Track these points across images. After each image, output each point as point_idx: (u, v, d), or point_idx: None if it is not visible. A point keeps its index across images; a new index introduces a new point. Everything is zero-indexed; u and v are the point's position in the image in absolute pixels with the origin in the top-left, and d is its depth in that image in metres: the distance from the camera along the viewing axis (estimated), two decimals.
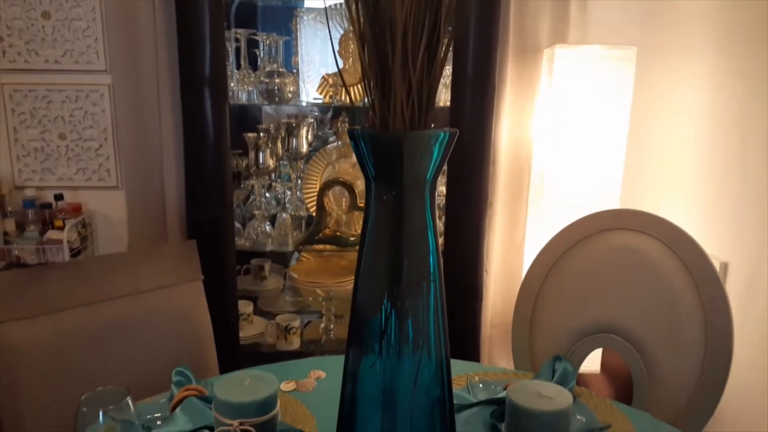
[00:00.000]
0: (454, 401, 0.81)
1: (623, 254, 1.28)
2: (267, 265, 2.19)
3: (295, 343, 1.93)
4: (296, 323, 1.93)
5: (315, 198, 1.94)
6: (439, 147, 0.59)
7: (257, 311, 2.11)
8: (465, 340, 1.81)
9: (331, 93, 1.87)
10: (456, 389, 1.07)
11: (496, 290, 1.98)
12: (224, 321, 1.64)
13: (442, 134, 0.58)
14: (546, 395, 0.64)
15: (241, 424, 0.64)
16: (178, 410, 0.93)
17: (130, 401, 0.74)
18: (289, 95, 1.78)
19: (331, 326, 2.05)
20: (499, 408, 0.97)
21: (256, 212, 1.93)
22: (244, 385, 0.67)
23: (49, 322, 1.13)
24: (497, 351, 2.03)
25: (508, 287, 1.97)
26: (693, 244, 1.23)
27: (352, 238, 1.88)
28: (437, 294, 0.68)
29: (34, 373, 1.12)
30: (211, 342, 1.33)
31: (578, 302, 1.33)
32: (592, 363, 1.85)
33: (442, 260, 0.68)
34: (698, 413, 1.24)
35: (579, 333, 1.31)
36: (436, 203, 1.11)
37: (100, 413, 0.72)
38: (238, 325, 1.84)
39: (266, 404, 0.65)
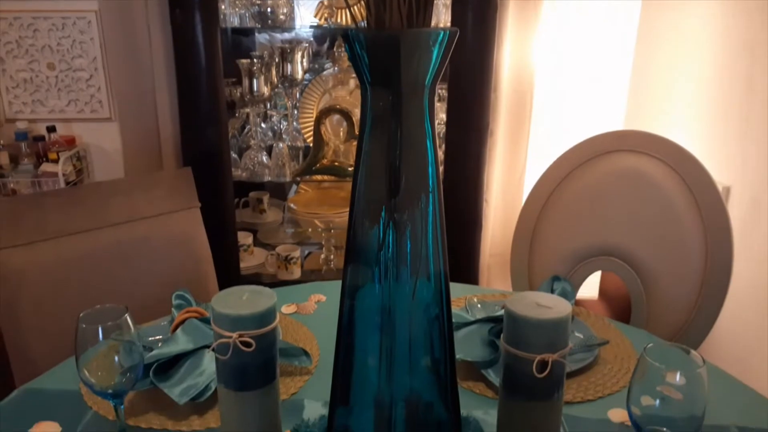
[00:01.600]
0: (453, 320, 0.81)
1: (626, 176, 1.26)
2: (266, 198, 2.17)
3: (296, 273, 1.95)
4: (296, 253, 1.93)
5: (312, 128, 1.91)
6: (439, 48, 0.56)
7: (257, 243, 2.11)
8: (464, 268, 1.82)
9: (326, 15, 1.80)
10: (454, 309, 1.07)
11: (495, 220, 1.98)
12: (224, 250, 1.64)
13: (442, 33, 0.55)
14: (545, 305, 0.64)
15: (240, 336, 0.64)
16: (178, 331, 0.94)
17: (128, 318, 0.74)
18: (282, 17, 1.71)
19: (331, 257, 2.05)
20: (497, 325, 0.98)
21: (252, 142, 1.90)
22: (242, 299, 0.67)
23: (48, 248, 1.13)
24: (496, 280, 2.05)
25: (507, 217, 1.96)
26: (697, 165, 1.21)
27: (350, 169, 1.86)
28: (436, 207, 0.66)
29: (35, 298, 1.12)
30: (211, 268, 1.33)
31: (579, 225, 1.32)
32: (590, 289, 1.87)
33: (441, 173, 0.66)
34: (694, 333, 1.25)
35: (579, 256, 1.32)
36: (437, 132, 1.09)
37: (99, 330, 0.72)
38: (239, 254, 1.85)
39: (265, 317, 0.65)
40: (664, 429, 0.65)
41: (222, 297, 0.67)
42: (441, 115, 1.75)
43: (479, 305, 1.10)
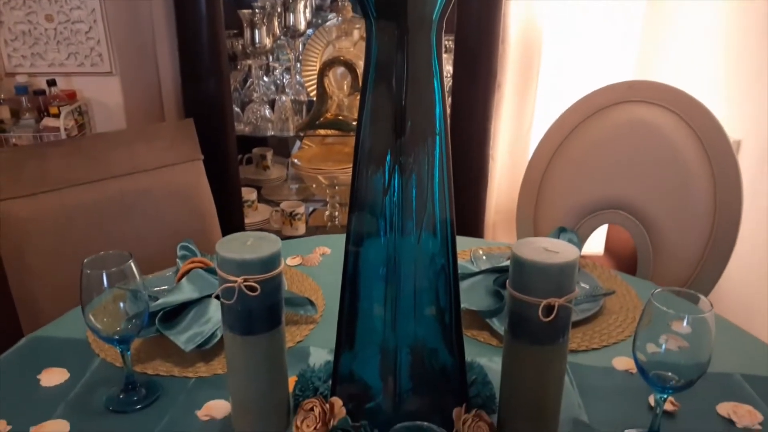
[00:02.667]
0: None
1: (635, 127, 1.24)
2: (269, 154, 2.16)
3: (301, 229, 1.94)
4: (301, 209, 1.93)
5: (315, 81, 1.87)
6: None
7: (261, 200, 2.11)
8: (469, 225, 1.81)
9: None
10: (459, 261, 1.07)
11: (501, 177, 1.95)
12: (228, 205, 1.64)
13: None
14: (552, 249, 0.63)
15: (245, 280, 0.64)
16: (183, 280, 0.94)
17: (133, 265, 0.74)
18: None
19: (336, 213, 2.05)
20: (502, 275, 0.97)
21: (255, 96, 1.87)
22: (247, 244, 0.66)
23: (51, 198, 1.12)
24: (501, 238, 2.04)
25: (513, 175, 1.94)
26: (707, 115, 1.18)
27: (354, 123, 1.84)
28: (443, 151, 0.65)
29: (40, 249, 1.12)
30: (215, 222, 1.33)
31: (586, 178, 1.30)
32: (596, 245, 1.86)
33: (449, 116, 0.64)
34: (700, 286, 1.25)
35: (585, 209, 1.30)
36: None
37: (104, 275, 0.72)
38: (243, 209, 1.84)
39: (270, 262, 0.65)
40: (670, 373, 0.65)
41: (226, 242, 0.67)
42: (447, 67, 1.71)
43: (484, 257, 1.10)
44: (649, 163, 1.24)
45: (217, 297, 0.66)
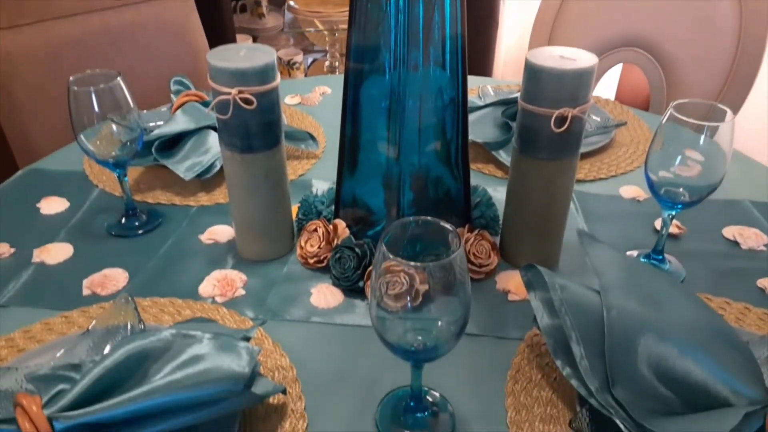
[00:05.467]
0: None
1: None
2: (264, 0, 2.03)
3: (299, 78, 1.87)
4: (299, 58, 1.84)
5: None
6: None
7: None
8: (479, 64, 1.73)
9: None
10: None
11: (512, 18, 1.84)
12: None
13: None
14: (568, 57, 0.59)
15: (240, 92, 0.60)
16: (178, 112, 0.90)
17: (121, 83, 0.70)
18: None
19: (336, 63, 1.96)
20: (511, 107, 0.94)
21: None
22: (240, 54, 0.62)
23: (34, 31, 1.05)
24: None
25: (524, 14, 1.82)
26: None
27: None
28: None
29: (28, 85, 1.07)
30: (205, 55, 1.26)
31: (601, 15, 1.22)
32: (608, 89, 1.79)
33: None
34: None
35: (599, 48, 1.23)
36: None
37: (92, 92, 0.68)
38: None
39: (265, 73, 0.61)
40: (681, 189, 0.63)
41: (218, 52, 0.62)
42: None
43: (493, 93, 1.05)
44: None
45: (212, 108, 0.62)
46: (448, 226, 0.44)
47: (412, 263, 0.40)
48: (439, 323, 0.44)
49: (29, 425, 0.43)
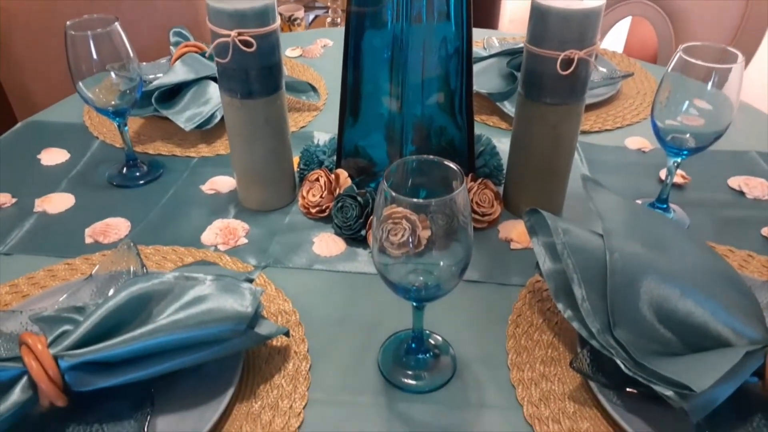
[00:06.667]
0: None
1: None
2: None
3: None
4: (300, 14, 1.81)
5: None
6: None
7: None
8: (482, 21, 1.70)
9: None
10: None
11: None
12: None
13: None
14: None
15: (239, 34, 0.59)
16: (178, 63, 0.89)
17: (119, 28, 0.68)
18: None
19: (338, 20, 1.93)
20: (517, 57, 0.92)
21: None
22: None
23: None
24: None
25: None
26: None
27: None
28: None
29: (26, 36, 1.06)
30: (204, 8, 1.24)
31: None
32: (616, 44, 1.76)
33: None
34: None
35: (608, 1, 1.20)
36: None
37: (89, 37, 0.67)
38: None
39: (265, 14, 0.59)
40: (688, 135, 0.62)
41: None
42: None
43: (498, 44, 1.03)
44: None
45: (211, 52, 0.61)
46: (450, 163, 0.43)
47: (414, 200, 0.39)
48: (441, 263, 0.44)
49: (35, 363, 0.43)
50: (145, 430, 0.43)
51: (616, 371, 0.45)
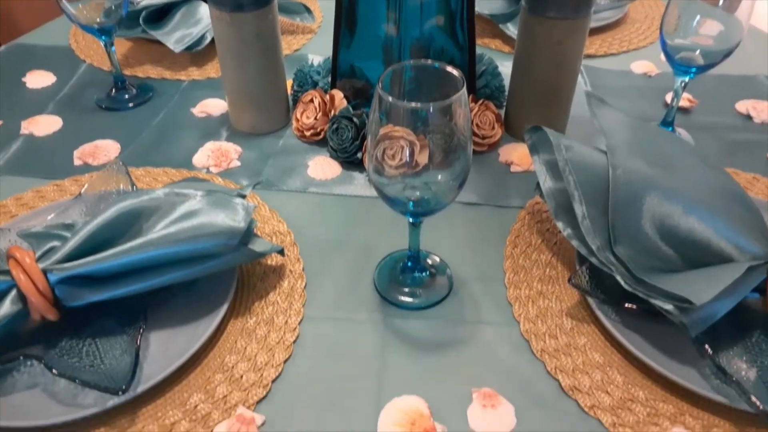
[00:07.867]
0: None
1: None
2: None
3: None
4: None
5: None
6: None
7: None
8: None
9: None
10: None
11: None
12: None
13: None
14: None
15: None
16: None
17: None
18: None
19: None
20: None
21: None
22: None
23: None
24: None
25: None
26: None
27: None
28: None
29: None
30: None
31: None
32: None
33: None
34: None
35: None
36: None
37: None
38: None
39: None
40: (698, 51, 0.60)
41: None
42: None
43: None
44: None
45: None
46: (451, 68, 0.41)
47: (412, 104, 0.38)
48: (440, 177, 0.43)
49: (23, 276, 0.42)
50: (138, 343, 0.43)
51: (615, 287, 0.44)
